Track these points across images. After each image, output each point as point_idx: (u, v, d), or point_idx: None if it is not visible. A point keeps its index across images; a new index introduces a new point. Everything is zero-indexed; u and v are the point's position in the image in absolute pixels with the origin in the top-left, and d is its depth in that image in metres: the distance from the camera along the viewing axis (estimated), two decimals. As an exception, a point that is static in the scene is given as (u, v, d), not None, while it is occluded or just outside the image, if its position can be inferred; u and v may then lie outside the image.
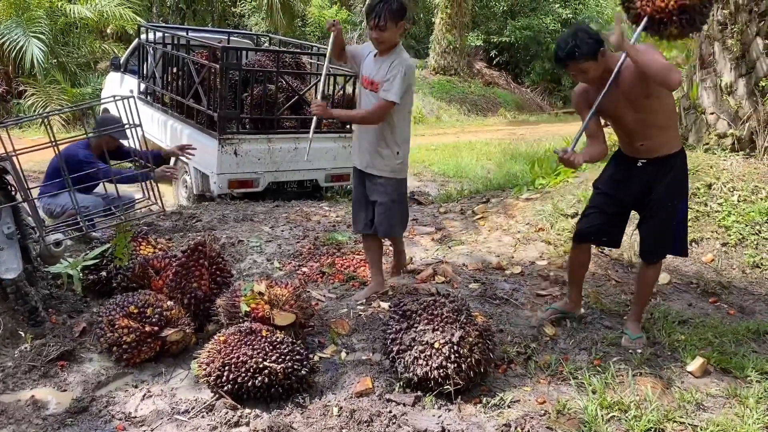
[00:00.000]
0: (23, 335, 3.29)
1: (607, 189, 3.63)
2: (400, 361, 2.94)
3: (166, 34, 7.73)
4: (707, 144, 6.31)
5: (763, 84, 6.04)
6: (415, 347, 2.91)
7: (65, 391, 2.91)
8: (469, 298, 4.04)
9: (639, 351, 3.42)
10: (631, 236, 4.84)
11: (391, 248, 4.44)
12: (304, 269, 4.47)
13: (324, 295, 4.07)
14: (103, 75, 14.36)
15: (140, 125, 3.26)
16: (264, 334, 2.91)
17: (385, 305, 3.84)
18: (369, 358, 3.29)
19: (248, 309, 3.11)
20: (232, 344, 2.84)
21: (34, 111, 12.06)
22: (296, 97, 7.08)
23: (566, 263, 4.65)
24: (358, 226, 4.06)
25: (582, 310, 3.83)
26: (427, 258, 4.79)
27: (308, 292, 3.69)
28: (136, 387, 2.96)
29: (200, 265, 3.41)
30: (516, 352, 3.35)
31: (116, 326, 3.07)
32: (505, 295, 4.10)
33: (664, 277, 4.43)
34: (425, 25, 24.35)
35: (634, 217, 3.66)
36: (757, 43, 6.08)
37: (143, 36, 8.11)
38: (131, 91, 8.69)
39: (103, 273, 3.79)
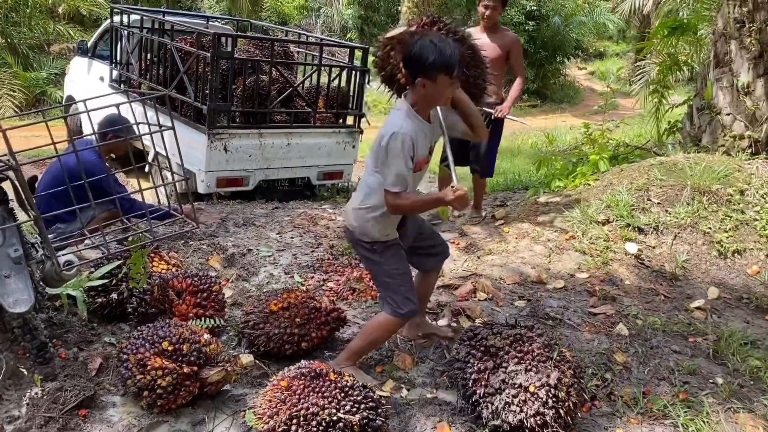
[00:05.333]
0: (26, 373, 2.78)
1: None
2: (487, 406, 2.57)
3: (144, 17, 7.07)
4: (722, 146, 6.14)
5: (782, 85, 5.89)
6: (506, 390, 2.54)
7: (92, 448, 2.43)
8: (519, 317, 3.70)
9: (720, 381, 3.15)
10: (671, 246, 4.59)
11: None
12: (330, 284, 4.04)
13: (360, 316, 3.66)
14: (58, 58, 13.46)
15: (173, 128, 2.76)
16: (332, 378, 2.49)
17: (441, 324, 3.47)
18: (435, 396, 2.90)
19: None
20: (298, 392, 2.41)
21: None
22: (289, 89, 6.59)
23: (605, 275, 4.38)
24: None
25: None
26: (457, 269, 4.42)
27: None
28: (176, 441, 2.50)
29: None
30: (595, 386, 3.02)
31: (148, 367, 2.59)
32: (556, 315, 3.77)
33: (713, 292, 4.18)
34: (386, 14, 23.90)
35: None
36: (776, 43, 5.92)
37: (116, 18, 7.44)
38: (101, 79, 8.04)
39: (114, 295, 3.28)
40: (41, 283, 3.00)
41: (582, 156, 6.43)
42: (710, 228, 4.65)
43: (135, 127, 3.56)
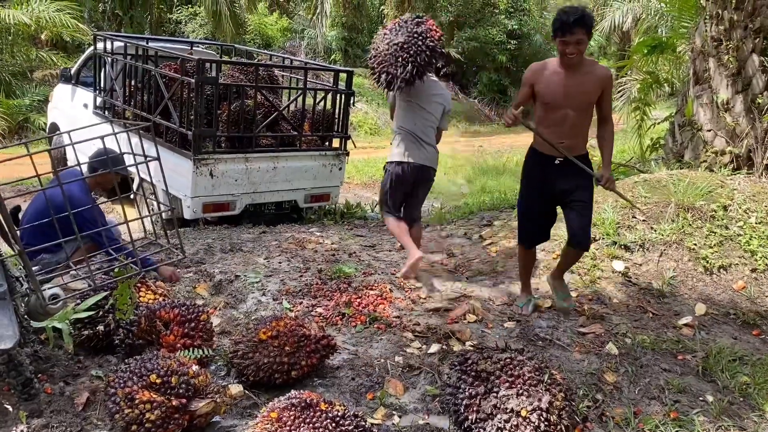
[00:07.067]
0: (11, 410, 2.73)
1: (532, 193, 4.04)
2: (479, 431, 2.56)
3: (128, 44, 7.08)
4: (705, 161, 6.21)
5: (760, 101, 5.98)
6: (498, 415, 2.53)
7: (79, 486, 2.39)
8: (509, 339, 3.70)
9: (711, 399, 3.16)
10: (657, 263, 4.63)
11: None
12: (319, 309, 4.02)
13: (349, 342, 3.64)
14: (41, 85, 13.42)
15: (158, 158, 2.75)
16: (323, 408, 2.47)
17: (432, 350, 3.47)
18: (427, 422, 2.89)
19: None
20: (289, 423, 2.39)
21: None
22: (275, 113, 6.60)
23: (593, 293, 4.39)
24: None
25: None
26: (446, 291, 4.41)
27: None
28: (166, 476, 2.47)
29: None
30: (586, 407, 3.02)
31: (136, 401, 2.56)
32: (546, 335, 3.77)
33: (700, 308, 4.20)
34: (369, 35, 24.12)
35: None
36: (753, 60, 6.02)
37: (100, 45, 7.44)
38: (85, 106, 8.01)
39: (100, 327, 3.24)
40: (26, 316, 2.97)
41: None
42: (695, 244, 4.70)
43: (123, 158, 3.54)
